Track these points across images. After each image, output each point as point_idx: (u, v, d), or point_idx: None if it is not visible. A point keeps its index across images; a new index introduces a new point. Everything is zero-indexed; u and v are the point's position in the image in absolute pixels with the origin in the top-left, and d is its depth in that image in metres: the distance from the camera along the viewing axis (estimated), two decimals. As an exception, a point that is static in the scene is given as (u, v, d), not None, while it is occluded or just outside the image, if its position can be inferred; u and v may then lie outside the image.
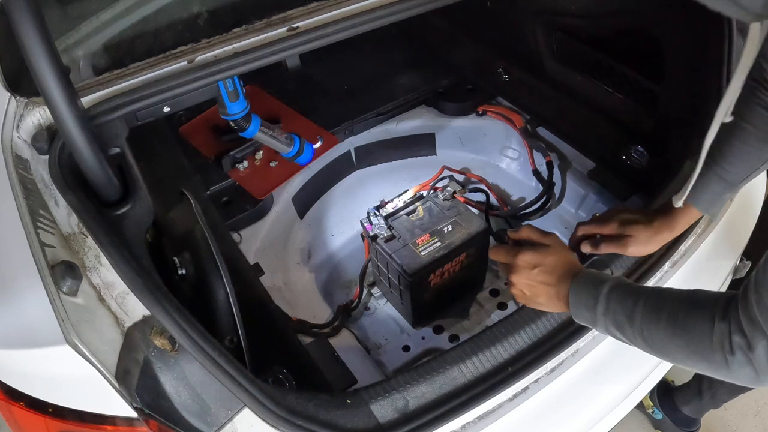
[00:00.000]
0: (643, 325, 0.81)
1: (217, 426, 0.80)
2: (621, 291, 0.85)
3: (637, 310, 0.81)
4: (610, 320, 0.85)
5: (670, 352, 0.80)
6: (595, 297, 0.86)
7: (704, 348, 0.74)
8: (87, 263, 0.83)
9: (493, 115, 1.86)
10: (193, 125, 1.75)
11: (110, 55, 1.06)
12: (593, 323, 0.88)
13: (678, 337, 0.77)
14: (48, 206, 0.88)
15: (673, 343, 0.78)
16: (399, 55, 2.04)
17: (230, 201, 1.58)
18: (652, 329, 0.80)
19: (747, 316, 0.69)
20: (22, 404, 0.80)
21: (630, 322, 0.82)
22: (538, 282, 0.96)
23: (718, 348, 0.72)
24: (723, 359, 0.72)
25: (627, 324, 0.83)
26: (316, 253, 1.73)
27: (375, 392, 0.94)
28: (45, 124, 0.95)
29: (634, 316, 0.81)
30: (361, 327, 1.58)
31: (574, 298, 0.90)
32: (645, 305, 0.81)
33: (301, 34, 1.03)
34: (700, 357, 0.75)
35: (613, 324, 0.85)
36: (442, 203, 1.53)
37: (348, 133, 1.81)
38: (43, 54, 0.72)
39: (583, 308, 0.89)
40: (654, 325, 0.80)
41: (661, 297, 0.82)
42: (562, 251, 0.98)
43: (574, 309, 0.91)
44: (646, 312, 0.81)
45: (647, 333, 0.80)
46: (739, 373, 0.72)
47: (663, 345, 0.80)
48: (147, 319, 0.79)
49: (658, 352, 0.82)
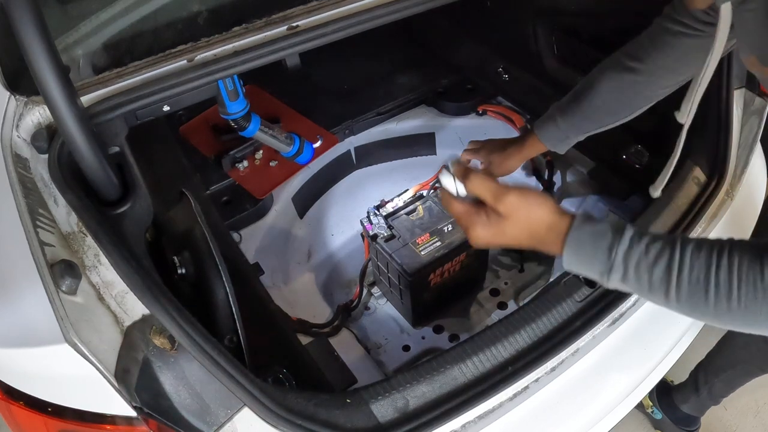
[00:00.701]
0: (683, 297, 0.69)
1: (216, 425, 0.80)
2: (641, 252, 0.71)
3: (672, 279, 0.69)
4: (632, 286, 0.73)
5: (716, 321, 0.70)
6: (607, 263, 0.73)
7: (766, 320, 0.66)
8: (86, 262, 0.82)
9: (493, 115, 1.86)
10: (192, 125, 1.75)
11: (110, 54, 1.06)
12: (602, 281, 0.75)
13: (735, 311, 0.67)
14: (47, 205, 0.88)
15: (726, 317, 0.69)
16: (399, 55, 2.04)
17: (230, 200, 1.58)
18: (696, 303, 0.69)
19: None
20: (21, 403, 0.80)
21: (664, 293, 0.70)
22: (503, 245, 0.82)
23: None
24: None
25: (660, 293, 0.71)
26: (316, 253, 1.72)
27: (375, 392, 0.94)
28: (44, 123, 0.94)
29: (670, 286, 0.70)
30: (361, 327, 1.58)
31: (571, 262, 0.76)
32: (680, 273, 0.69)
33: (301, 33, 1.03)
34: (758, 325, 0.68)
35: (636, 289, 0.73)
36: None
37: (348, 132, 1.81)
38: (42, 53, 0.72)
39: (589, 272, 0.76)
40: (699, 300, 0.69)
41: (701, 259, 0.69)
42: (525, 220, 0.78)
43: (574, 269, 0.77)
44: (685, 283, 0.69)
45: (688, 306, 0.70)
46: None
47: (709, 316, 0.70)
48: (146, 318, 0.79)
49: (699, 318, 0.72)
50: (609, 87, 1.17)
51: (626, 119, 1.21)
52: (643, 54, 1.11)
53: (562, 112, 1.25)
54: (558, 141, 1.28)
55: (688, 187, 1.27)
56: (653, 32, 1.10)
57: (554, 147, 1.30)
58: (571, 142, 1.28)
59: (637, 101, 1.18)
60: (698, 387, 1.66)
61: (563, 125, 1.25)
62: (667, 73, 1.11)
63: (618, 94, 1.17)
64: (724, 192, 1.29)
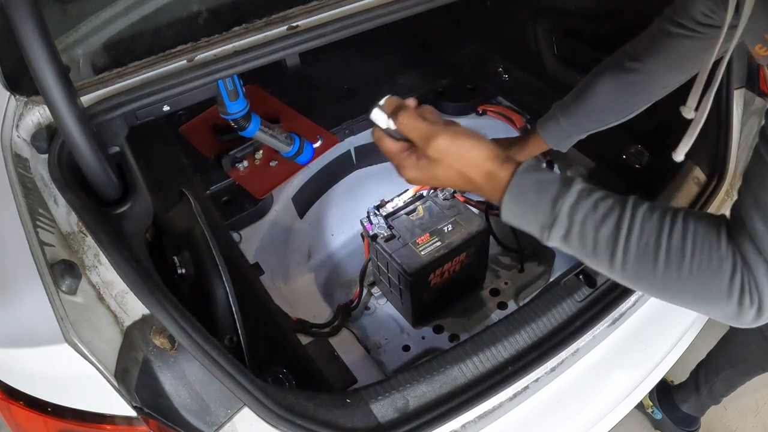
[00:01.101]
0: (630, 262, 0.64)
1: (216, 425, 0.80)
2: (588, 207, 0.66)
3: (620, 240, 0.64)
4: (574, 246, 0.67)
5: (665, 294, 0.67)
6: (550, 215, 0.67)
7: (719, 294, 0.62)
8: (86, 262, 0.82)
9: (493, 115, 1.86)
10: (192, 124, 1.75)
11: (110, 54, 1.06)
12: (542, 239, 0.69)
13: (684, 281, 0.63)
14: (47, 205, 0.88)
15: (673, 289, 0.65)
16: (399, 55, 2.04)
17: (230, 200, 1.58)
18: (643, 270, 0.65)
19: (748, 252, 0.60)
20: (21, 403, 0.79)
21: (609, 256, 0.65)
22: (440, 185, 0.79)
23: (737, 293, 0.61)
24: (736, 304, 0.62)
25: (604, 256, 0.66)
26: (316, 253, 1.72)
27: (375, 392, 0.94)
28: (44, 123, 0.94)
29: (616, 247, 0.65)
30: (361, 327, 1.58)
31: (509, 212, 0.70)
32: (629, 234, 0.64)
33: (301, 32, 1.03)
34: (706, 302, 0.64)
35: (578, 249, 0.67)
36: (442, 203, 1.53)
37: (348, 132, 1.81)
38: (42, 53, 0.72)
39: (528, 224, 0.69)
40: (646, 264, 0.64)
41: (650, 224, 0.64)
42: (456, 163, 0.72)
43: (510, 220, 0.71)
44: (633, 246, 0.64)
45: (633, 273, 0.65)
46: (747, 317, 0.62)
47: (657, 286, 0.65)
48: (146, 318, 0.79)
49: (645, 289, 0.68)
50: (609, 86, 1.18)
51: (627, 117, 1.22)
52: (643, 55, 1.12)
53: (563, 111, 1.26)
54: (560, 139, 1.29)
55: (688, 187, 1.27)
56: (653, 33, 1.11)
57: (557, 145, 1.30)
58: (573, 140, 1.29)
59: (637, 100, 1.19)
60: (699, 386, 1.66)
61: (565, 124, 1.26)
62: (667, 73, 1.12)
63: (618, 93, 1.18)
64: (724, 192, 1.29)
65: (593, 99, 1.20)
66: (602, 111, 1.22)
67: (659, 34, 1.09)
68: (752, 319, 0.63)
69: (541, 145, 1.32)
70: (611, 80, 1.17)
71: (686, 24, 1.03)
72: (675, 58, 1.08)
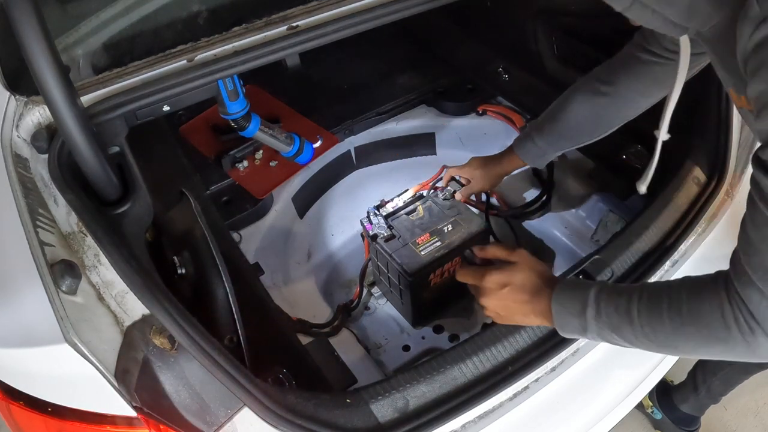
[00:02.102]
0: (644, 321, 0.77)
1: (216, 425, 0.80)
2: (610, 291, 0.82)
3: (633, 307, 0.78)
4: (604, 324, 0.81)
5: (680, 343, 0.76)
6: (583, 302, 0.83)
7: (717, 328, 0.70)
8: (86, 262, 0.82)
9: (493, 115, 1.86)
10: (192, 124, 1.75)
11: (110, 54, 1.06)
12: (583, 331, 0.85)
13: (687, 326, 0.73)
14: (47, 205, 0.88)
15: (682, 333, 0.74)
16: (399, 55, 2.04)
17: (230, 200, 1.58)
18: (655, 324, 0.76)
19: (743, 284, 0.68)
20: (21, 403, 0.79)
21: (629, 321, 0.79)
22: (511, 301, 0.93)
23: (733, 325, 0.69)
24: (739, 336, 0.69)
25: (626, 324, 0.79)
26: (316, 253, 1.72)
27: (375, 392, 0.94)
28: (44, 123, 0.94)
29: (632, 313, 0.78)
30: (361, 327, 1.58)
31: (557, 307, 0.86)
32: (641, 300, 0.78)
33: (301, 32, 1.03)
34: (715, 340, 0.71)
35: (608, 327, 0.81)
36: (442, 203, 1.53)
37: (348, 132, 1.81)
38: (42, 53, 0.72)
39: (570, 317, 0.85)
40: (657, 318, 0.76)
41: (655, 289, 0.79)
42: (532, 266, 0.94)
43: (559, 320, 0.87)
44: (645, 307, 0.77)
45: (650, 329, 0.77)
46: (757, 347, 0.69)
47: (671, 338, 0.76)
48: (146, 318, 0.79)
49: (665, 347, 0.79)
50: (583, 108, 1.23)
51: (601, 136, 1.27)
52: (615, 79, 1.17)
53: (539, 131, 1.33)
54: (536, 157, 1.37)
55: (688, 187, 1.26)
56: (624, 59, 1.15)
57: (533, 163, 1.39)
58: (549, 158, 1.37)
59: (610, 121, 1.24)
60: (697, 386, 1.66)
61: (541, 143, 1.33)
62: (638, 96, 1.17)
63: (591, 115, 1.23)
64: (724, 192, 1.29)
65: (567, 120, 1.26)
66: (575, 131, 1.28)
67: (631, 60, 1.13)
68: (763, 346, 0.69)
69: (518, 163, 1.42)
70: (584, 103, 1.23)
71: (657, 51, 1.08)
72: (646, 83, 1.13)
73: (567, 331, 0.88)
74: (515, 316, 0.95)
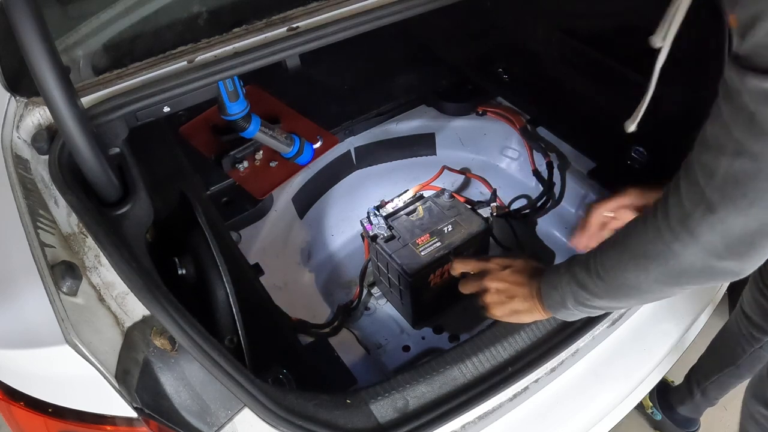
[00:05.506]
0: (597, 261, 0.80)
1: (217, 426, 0.80)
2: (579, 257, 0.86)
3: (591, 259, 0.81)
4: (575, 284, 0.84)
5: (628, 273, 0.77)
6: (559, 272, 0.87)
7: (653, 240, 0.72)
8: (87, 263, 0.83)
9: (493, 115, 1.86)
10: (193, 125, 1.75)
11: (110, 55, 1.06)
12: (562, 300, 0.87)
13: (629, 249, 0.76)
14: (48, 206, 0.88)
15: (625, 260, 0.76)
16: (399, 55, 2.04)
17: (230, 201, 1.58)
18: (604, 259, 0.79)
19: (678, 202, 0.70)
20: (22, 404, 0.80)
21: (587, 272, 0.81)
22: (511, 282, 0.97)
23: (670, 238, 0.70)
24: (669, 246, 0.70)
25: (585, 273, 0.82)
26: (316, 253, 1.73)
27: (375, 392, 0.94)
28: (45, 124, 0.95)
29: (590, 264, 0.81)
30: (361, 327, 1.58)
31: (545, 286, 0.91)
32: (597, 251, 0.81)
33: (301, 34, 1.03)
34: (658, 262, 0.72)
35: (577, 285, 0.84)
36: (442, 203, 1.53)
37: (348, 133, 1.81)
38: (43, 54, 0.72)
39: (552, 290, 0.89)
40: (606, 254, 0.80)
41: (609, 239, 0.82)
42: (529, 259, 1.01)
43: (546, 297, 0.90)
44: (599, 250, 0.81)
45: (601, 267, 0.80)
46: (686, 255, 0.69)
47: (619, 271, 0.77)
48: (147, 319, 0.79)
49: (618, 288, 0.79)
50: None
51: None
52: None
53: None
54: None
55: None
56: None
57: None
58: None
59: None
60: (692, 390, 1.67)
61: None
62: None
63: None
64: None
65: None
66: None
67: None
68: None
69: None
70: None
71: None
72: None
73: (552, 306, 0.90)
74: (515, 300, 0.97)
